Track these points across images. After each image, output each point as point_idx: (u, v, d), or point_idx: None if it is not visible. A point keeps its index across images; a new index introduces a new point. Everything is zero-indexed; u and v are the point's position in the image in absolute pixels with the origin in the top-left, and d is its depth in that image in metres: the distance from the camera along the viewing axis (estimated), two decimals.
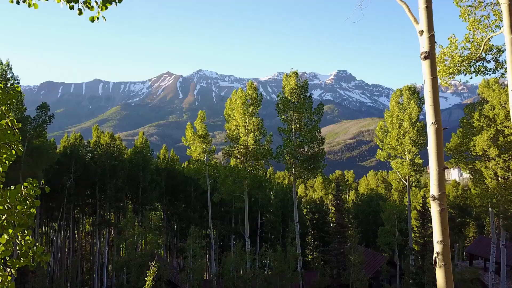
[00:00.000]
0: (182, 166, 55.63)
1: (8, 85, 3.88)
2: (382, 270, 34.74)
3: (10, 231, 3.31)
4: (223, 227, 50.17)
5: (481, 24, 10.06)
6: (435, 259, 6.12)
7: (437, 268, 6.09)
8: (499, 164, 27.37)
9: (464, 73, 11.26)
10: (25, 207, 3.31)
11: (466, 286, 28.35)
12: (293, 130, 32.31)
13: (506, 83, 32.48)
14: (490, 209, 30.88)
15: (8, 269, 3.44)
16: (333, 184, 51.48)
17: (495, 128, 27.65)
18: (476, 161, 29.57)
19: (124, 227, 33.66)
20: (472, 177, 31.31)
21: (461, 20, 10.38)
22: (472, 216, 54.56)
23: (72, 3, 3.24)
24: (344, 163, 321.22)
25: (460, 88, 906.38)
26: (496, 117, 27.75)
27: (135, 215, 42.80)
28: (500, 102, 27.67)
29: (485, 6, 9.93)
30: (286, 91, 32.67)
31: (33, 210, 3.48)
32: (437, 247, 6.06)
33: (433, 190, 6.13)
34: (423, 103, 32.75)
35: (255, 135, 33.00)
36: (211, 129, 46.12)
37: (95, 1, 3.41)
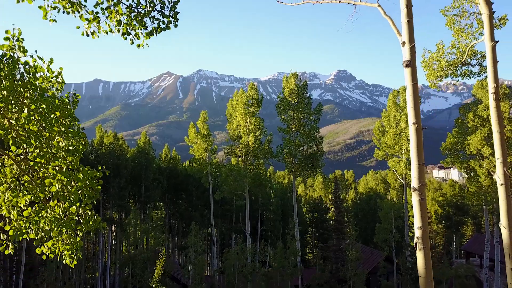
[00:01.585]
0: (183, 165, 56.52)
1: (72, 94, 4.78)
2: (379, 266, 35.58)
3: (78, 204, 4.27)
4: (224, 226, 50.94)
5: (465, 32, 10.89)
6: (416, 243, 6.97)
7: (417, 251, 6.92)
8: (492, 163, 28.16)
9: (452, 76, 12.10)
10: (95, 184, 4.29)
11: (461, 281, 29.17)
12: (293, 130, 33.15)
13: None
14: (484, 206, 31.72)
15: (77, 232, 4.42)
16: (332, 183, 52.25)
17: (488, 128, 28.45)
18: (471, 160, 30.35)
19: (129, 224, 34.49)
20: (467, 175, 32.14)
21: (447, 28, 11.21)
22: (469, 214, 55.32)
23: (126, 35, 4.23)
24: (344, 163, 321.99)
25: (460, 88, 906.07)
26: (489, 117, 28.52)
27: (140, 211, 43.65)
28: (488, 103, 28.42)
29: (469, 16, 10.75)
30: (286, 92, 33.50)
31: (98, 187, 4.43)
32: (417, 232, 6.88)
33: (414, 182, 6.96)
34: (420, 103, 33.50)
35: (255, 134, 33.87)
36: (211, 129, 47.20)
37: (141, 33, 4.38)
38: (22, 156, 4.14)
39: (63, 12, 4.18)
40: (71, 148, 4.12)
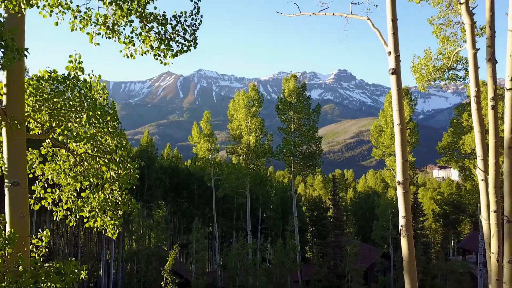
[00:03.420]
0: (184, 164, 57.40)
1: (110, 102, 5.87)
2: (376, 262, 36.49)
3: (118, 189, 5.29)
4: (225, 224, 51.78)
5: (450, 40, 11.80)
6: (400, 231, 7.89)
7: (401, 238, 7.84)
8: (486, 162, 29.01)
9: (439, 80, 13.03)
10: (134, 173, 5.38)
11: (455, 276, 30.08)
12: (292, 129, 34.09)
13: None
14: (478, 204, 32.61)
15: (118, 211, 5.44)
16: (331, 183, 53.09)
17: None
18: (465, 159, 31.25)
19: (133, 220, 35.39)
20: (462, 174, 33.06)
21: (434, 36, 12.13)
22: (466, 212, 56.13)
23: (156, 56, 5.27)
24: (344, 163, 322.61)
25: (460, 88, 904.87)
26: (484, 117, 29.39)
27: (143, 209, 44.51)
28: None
29: (453, 25, 11.65)
30: (285, 93, 34.44)
31: (137, 175, 5.43)
32: (401, 221, 7.79)
33: (399, 177, 7.86)
34: (415, 104, 34.40)
35: (256, 134, 34.85)
36: (212, 129, 48.07)
37: (168, 54, 5.49)
38: (74, 151, 5.20)
39: (106, 37, 5.22)
40: (119, 145, 5.16)
